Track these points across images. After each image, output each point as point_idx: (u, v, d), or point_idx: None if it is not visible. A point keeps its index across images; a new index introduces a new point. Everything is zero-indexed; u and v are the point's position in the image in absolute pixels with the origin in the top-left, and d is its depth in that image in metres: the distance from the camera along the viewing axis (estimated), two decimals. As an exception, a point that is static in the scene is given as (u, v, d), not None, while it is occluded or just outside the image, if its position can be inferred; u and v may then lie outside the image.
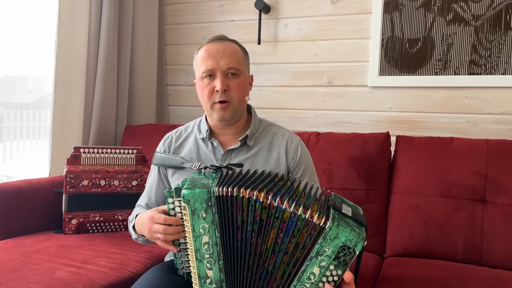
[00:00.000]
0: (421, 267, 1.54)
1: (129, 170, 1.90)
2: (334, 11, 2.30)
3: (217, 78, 1.24)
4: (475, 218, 1.61)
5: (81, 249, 1.58)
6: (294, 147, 1.32)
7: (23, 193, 1.79)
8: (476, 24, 2.03)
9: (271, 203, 0.97)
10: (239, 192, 0.99)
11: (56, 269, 1.37)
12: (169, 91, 2.72)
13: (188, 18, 2.63)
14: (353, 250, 0.92)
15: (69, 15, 2.09)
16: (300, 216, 0.95)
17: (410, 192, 1.72)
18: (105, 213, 1.87)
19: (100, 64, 2.25)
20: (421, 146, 1.76)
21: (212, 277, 1.02)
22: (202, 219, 0.99)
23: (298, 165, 1.31)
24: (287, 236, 0.97)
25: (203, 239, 1.00)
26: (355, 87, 2.27)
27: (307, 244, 0.95)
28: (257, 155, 1.30)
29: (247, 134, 1.29)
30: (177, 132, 1.41)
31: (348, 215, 0.95)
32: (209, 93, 1.26)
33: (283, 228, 0.97)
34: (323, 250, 0.93)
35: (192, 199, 0.99)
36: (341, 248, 0.92)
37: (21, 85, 2.42)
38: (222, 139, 1.33)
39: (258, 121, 1.36)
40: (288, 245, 0.97)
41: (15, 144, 2.48)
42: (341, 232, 0.91)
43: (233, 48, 1.29)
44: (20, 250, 1.54)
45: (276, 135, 1.34)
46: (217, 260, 1.01)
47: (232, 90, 1.25)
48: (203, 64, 1.26)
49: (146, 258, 1.55)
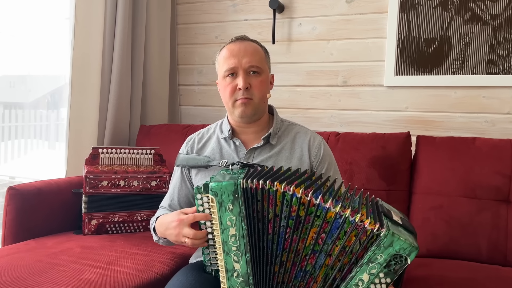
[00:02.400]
0: (446, 268, 1.53)
1: (148, 170, 1.89)
2: (349, 11, 2.29)
3: (239, 76, 1.26)
4: (499, 219, 1.61)
5: (104, 250, 1.58)
6: (317, 145, 1.33)
7: (43, 193, 1.78)
8: (494, 23, 2.03)
9: (311, 200, 0.96)
10: (272, 185, 0.98)
11: (83, 271, 1.36)
12: (181, 91, 2.71)
13: (200, 18, 2.62)
14: (405, 259, 0.91)
15: (85, 15, 2.08)
16: (347, 218, 0.94)
17: (432, 192, 1.72)
18: (124, 214, 1.86)
19: (115, 64, 2.24)
20: (442, 146, 1.76)
21: (239, 270, 1.01)
22: (229, 211, 1.00)
23: (322, 163, 1.32)
24: (330, 237, 0.96)
25: (230, 231, 1.00)
26: (371, 87, 2.27)
27: (356, 249, 0.94)
28: (279, 154, 1.31)
29: (270, 133, 1.31)
30: (199, 134, 1.43)
31: (399, 223, 0.95)
32: (231, 91, 1.27)
33: (325, 228, 0.96)
34: (375, 257, 0.92)
35: (219, 191, 0.99)
36: (393, 256, 0.91)
37: (31, 84, 2.40)
38: (244, 138, 1.34)
39: (280, 121, 1.38)
40: (332, 247, 0.96)
41: (28, 143, 2.47)
42: (395, 240, 0.90)
43: (254, 47, 1.31)
44: (44, 251, 1.53)
45: (299, 134, 1.36)
46: (244, 252, 1.00)
47: (254, 88, 1.27)
48: (225, 63, 1.28)
49: (170, 259, 1.55)
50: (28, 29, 2.17)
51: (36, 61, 2.25)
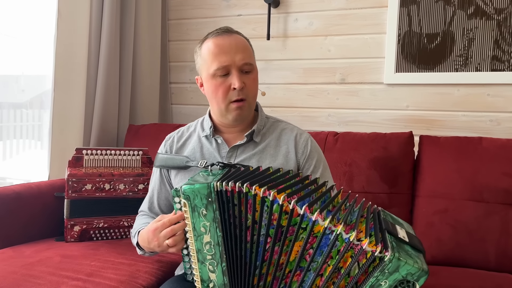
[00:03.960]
0: (454, 276, 1.44)
1: (135, 173, 1.78)
2: (347, 5, 2.19)
3: (233, 75, 1.14)
4: (508, 224, 1.52)
5: (86, 259, 1.46)
6: (304, 141, 1.25)
7: (22, 198, 1.67)
8: (499, 18, 1.94)
9: (295, 209, 0.85)
10: (251, 189, 0.88)
11: (61, 284, 1.25)
12: (172, 89, 2.60)
13: (192, 13, 2.52)
14: (413, 285, 0.80)
15: (69, 10, 1.97)
16: (340, 235, 0.82)
17: (437, 195, 1.62)
18: (110, 219, 1.75)
19: (102, 61, 2.13)
20: (447, 147, 1.67)
21: (215, 280, 0.92)
22: (203, 216, 0.90)
23: (309, 160, 1.23)
24: (319, 255, 0.84)
25: (205, 238, 0.91)
26: (370, 85, 2.17)
27: (354, 273, 0.83)
28: (264, 151, 1.22)
29: (253, 129, 1.22)
30: (178, 132, 1.33)
31: (405, 241, 0.83)
32: (224, 91, 1.16)
33: (313, 244, 0.85)
34: (378, 284, 0.80)
35: (191, 195, 0.90)
36: (399, 282, 0.80)
37: (13, 84, 2.30)
38: (226, 136, 1.26)
39: (265, 118, 1.29)
40: (322, 266, 0.84)
41: (11, 144, 2.36)
42: (402, 265, 0.78)
43: (243, 41, 1.21)
44: (20, 261, 1.41)
45: (285, 131, 1.27)
46: (220, 262, 0.91)
47: (248, 87, 1.17)
48: (215, 61, 1.15)
49: (157, 269, 1.44)
50: (21, 29, 2.09)
51: (29, 61, 2.16)
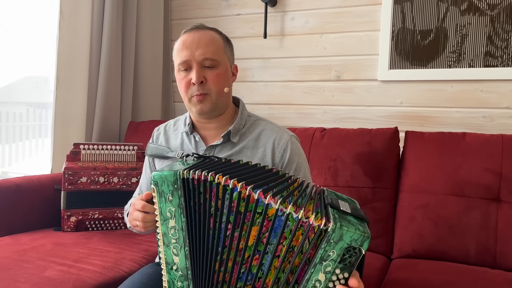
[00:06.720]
0: (430, 270, 1.45)
1: (128, 167, 1.86)
2: (342, 3, 2.22)
3: (193, 70, 1.15)
4: (488, 219, 1.52)
5: (77, 247, 1.55)
6: (283, 145, 1.22)
7: (22, 190, 1.76)
8: (492, 14, 1.92)
9: (251, 195, 0.89)
10: (215, 178, 0.93)
11: (47, 268, 1.33)
12: (175, 87, 2.67)
13: (193, 13, 2.58)
14: (359, 250, 0.84)
15: (71, 10, 2.06)
16: (290, 215, 0.87)
17: (420, 190, 1.63)
18: (104, 211, 1.83)
19: (103, 60, 2.21)
20: (431, 142, 1.67)
21: (178, 263, 0.97)
22: (169, 202, 0.95)
23: (289, 165, 1.21)
24: (274, 237, 0.89)
25: (170, 223, 0.96)
26: (365, 82, 2.19)
27: (305, 248, 0.87)
28: (241, 152, 1.22)
29: (230, 130, 1.22)
30: (167, 125, 1.37)
31: (347, 212, 0.88)
32: (186, 86, 1.18)
33: (268, 227, 0.89)
34: (327, 254, 0.84)
35: (159, 181, 0.95)
36: (346, 250, 0.84)
37: (41, 84, 2.40)
38: (204, 133, 1.27)
39: (246, 116, 1.28)
40: (277, 247, 0.89)
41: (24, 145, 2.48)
42: (345, 233, 0.83)
43: (210, 36, 1.18)
44: (14, 248, 1.51)
45: (264, 131, 1.25)
46: (183, 246, 0.96)
47: (210, 82, 1.16)
48: (178, 56, 1.18)
49: (142, 257, 1.51)
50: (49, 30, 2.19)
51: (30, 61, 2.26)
